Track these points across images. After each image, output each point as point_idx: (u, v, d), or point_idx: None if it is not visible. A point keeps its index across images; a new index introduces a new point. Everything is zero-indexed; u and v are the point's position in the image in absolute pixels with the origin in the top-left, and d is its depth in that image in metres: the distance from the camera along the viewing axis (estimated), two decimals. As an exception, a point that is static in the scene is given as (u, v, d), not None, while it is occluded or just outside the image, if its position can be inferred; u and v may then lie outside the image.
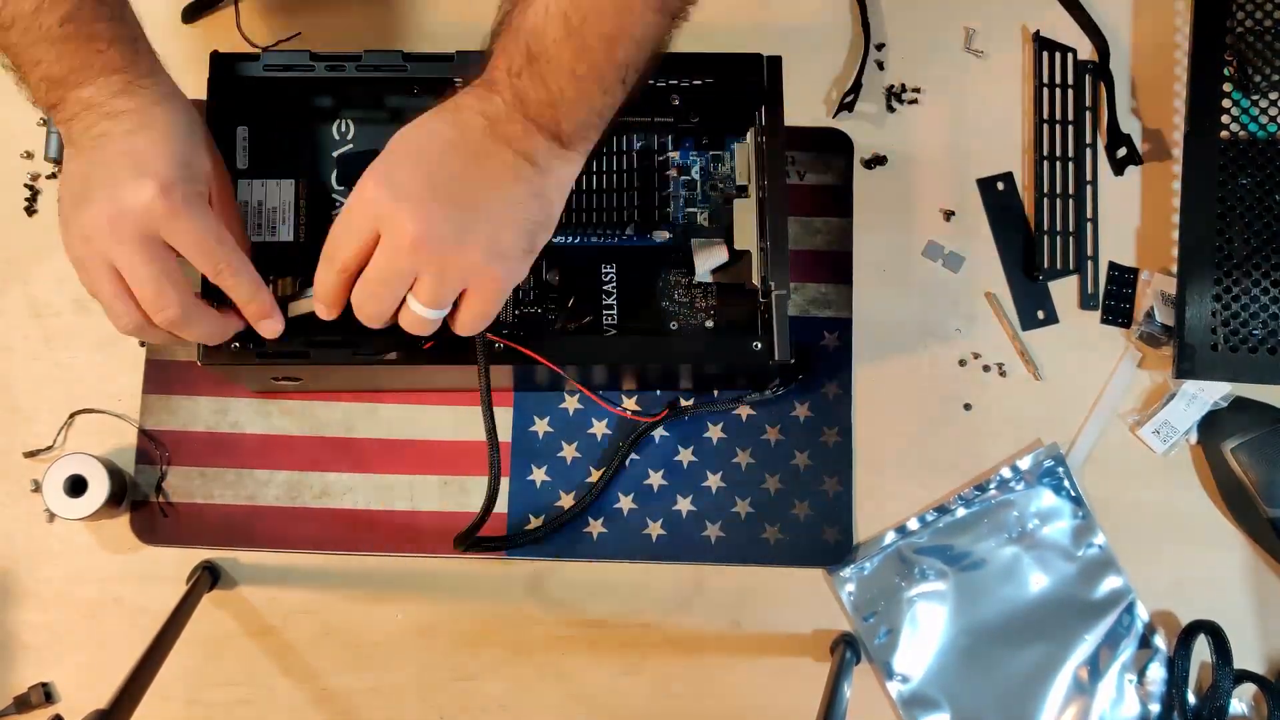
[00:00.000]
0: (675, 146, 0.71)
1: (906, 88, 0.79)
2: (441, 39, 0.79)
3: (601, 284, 0.69)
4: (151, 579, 0.72)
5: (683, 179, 0.70)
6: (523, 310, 0.69)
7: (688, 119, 0.70)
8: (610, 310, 0.69)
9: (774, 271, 0.65)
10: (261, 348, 0.63)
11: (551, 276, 0.70)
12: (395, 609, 0.73)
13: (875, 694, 0.73)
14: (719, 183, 0.71)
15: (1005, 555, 0.73)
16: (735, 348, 0.66)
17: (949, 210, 0.78)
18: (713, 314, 0.70)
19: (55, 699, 0.71)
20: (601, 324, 0.69)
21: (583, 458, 0.74)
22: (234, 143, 0.68)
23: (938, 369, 0.76)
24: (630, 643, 0.73)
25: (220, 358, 0.63)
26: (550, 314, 0.69)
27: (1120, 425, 0.76)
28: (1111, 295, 0.77)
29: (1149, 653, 0.73)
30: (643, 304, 0.70)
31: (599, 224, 0.69)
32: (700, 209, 0.70)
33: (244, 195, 0.68)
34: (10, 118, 0.76)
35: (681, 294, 0.71)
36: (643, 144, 0.70)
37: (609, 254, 0.70)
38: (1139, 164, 0.77)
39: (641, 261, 0.70)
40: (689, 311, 0.70)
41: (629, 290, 0.70)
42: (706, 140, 0.71)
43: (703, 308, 0.70)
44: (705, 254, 0.69)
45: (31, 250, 0.75)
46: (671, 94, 0.70)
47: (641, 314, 0.70)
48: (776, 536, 0.73)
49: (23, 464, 0.73)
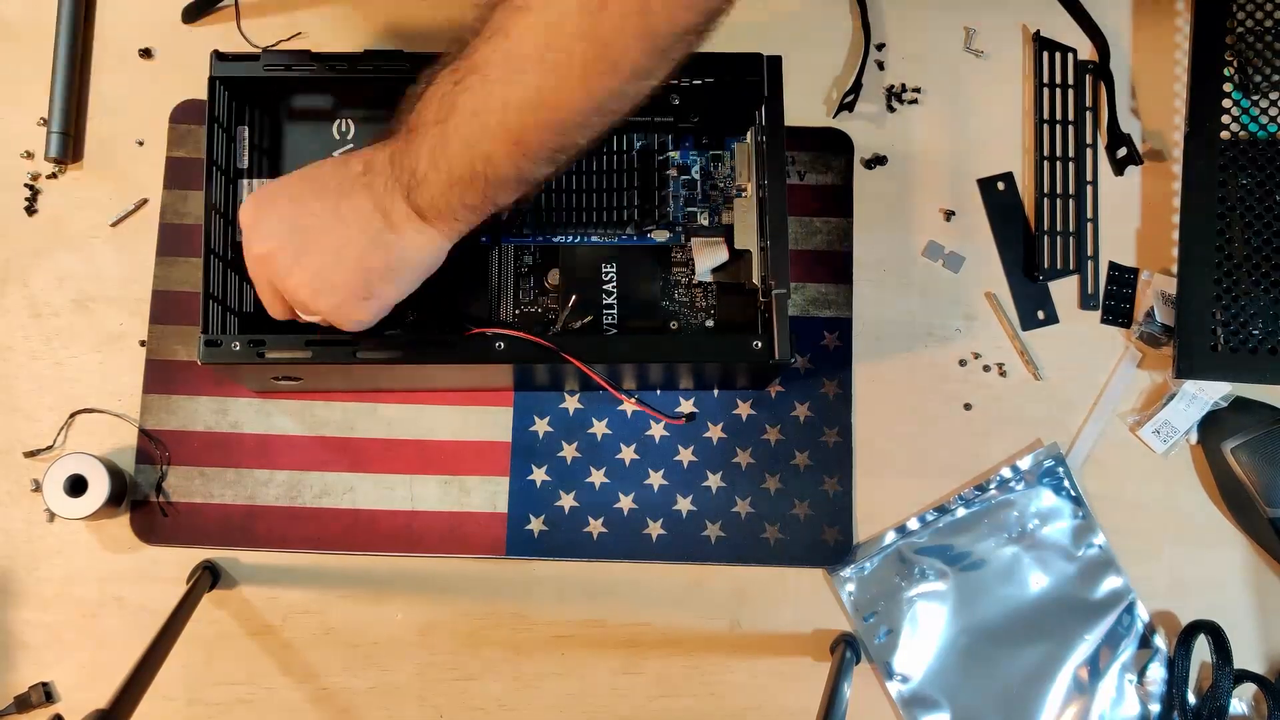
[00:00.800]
0: (675, 146, 0.71)
1: (906, 88, 0.79)
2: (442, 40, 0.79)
3: (601, 283, 0.69)
4: (151, 579, 0.72)
5: (682, 178, 0.70)
6: (522, 310, 0.69)
7: (688, 118, 0.71)
8: (610, 309, 0.69)
9: (774, 271, 0.65)
10: (261, 348, 0.64)
11: (551, 276, 0.70)
12: (395, 609, 0.73)
13: (875, 694, 0.73)
14: (719, 182, 0.71)
15: (1005, 555, 0.73)
16: (735, 347, 0.66)
17: (949, 210, 0.78)
18: (713, 313, 0.70)
19: (55, 699, 0.71)
20: (602, 323, 0.69)
21: (583, 457, 0.74)
22: (234, 142, 0.68)
23: (938, 369, 0.76)
24: (630, 642, 0.73)
25: (221, 357, 0.64)
26: (551, 313, 0.69)
27: (1120, 425, 0.76)
28: (1111, 295, 0.77)
29: (1149, 653, 0.73)
30: (643, 303, 0.70)
31: (599, 223, 0.69)
32: (700, 208, 0.70)
33: (244, 194, 0.68)
34: (10, 118, 0.77)
35: (681, 293, 0.71)
36: (643, 143, 0.70)
37: (609, 253, 0.70)
38: (1139, 164, 0.77)
39: (641, 261, 0.70)
40: (689, 311, 0.71)
41: (629, 289, 0.70)
42: (706, 140, 0.71)
43: (703, 307, 0.71)
44: (706, 253, 0.70)
45: (31, 250, 0.75)
46: (671, 94, 0.70)
47: (641, 313, 0.70)
48: (776, 536, 0.73)
49: (23, 464, 0.73)
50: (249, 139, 0.69)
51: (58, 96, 0.76)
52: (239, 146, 0.68)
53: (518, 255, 0.71)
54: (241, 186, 0.68)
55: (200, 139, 0.76)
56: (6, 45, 0.78)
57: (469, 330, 0.66)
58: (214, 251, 0.65)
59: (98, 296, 0.75)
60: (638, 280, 0.70)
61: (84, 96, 0.77)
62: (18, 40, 0.78)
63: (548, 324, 0.70)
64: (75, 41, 0.77)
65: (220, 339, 0.64)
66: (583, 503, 0.73)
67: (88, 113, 0.77)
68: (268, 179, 0.68)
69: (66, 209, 0.76)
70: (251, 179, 0.68)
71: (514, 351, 0.65)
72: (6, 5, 0.78)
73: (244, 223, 0.60)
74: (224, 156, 0.67)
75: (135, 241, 0.75)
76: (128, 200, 0.76)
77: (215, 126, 0.66)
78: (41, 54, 0.77)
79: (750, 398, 0.75)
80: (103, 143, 0.77)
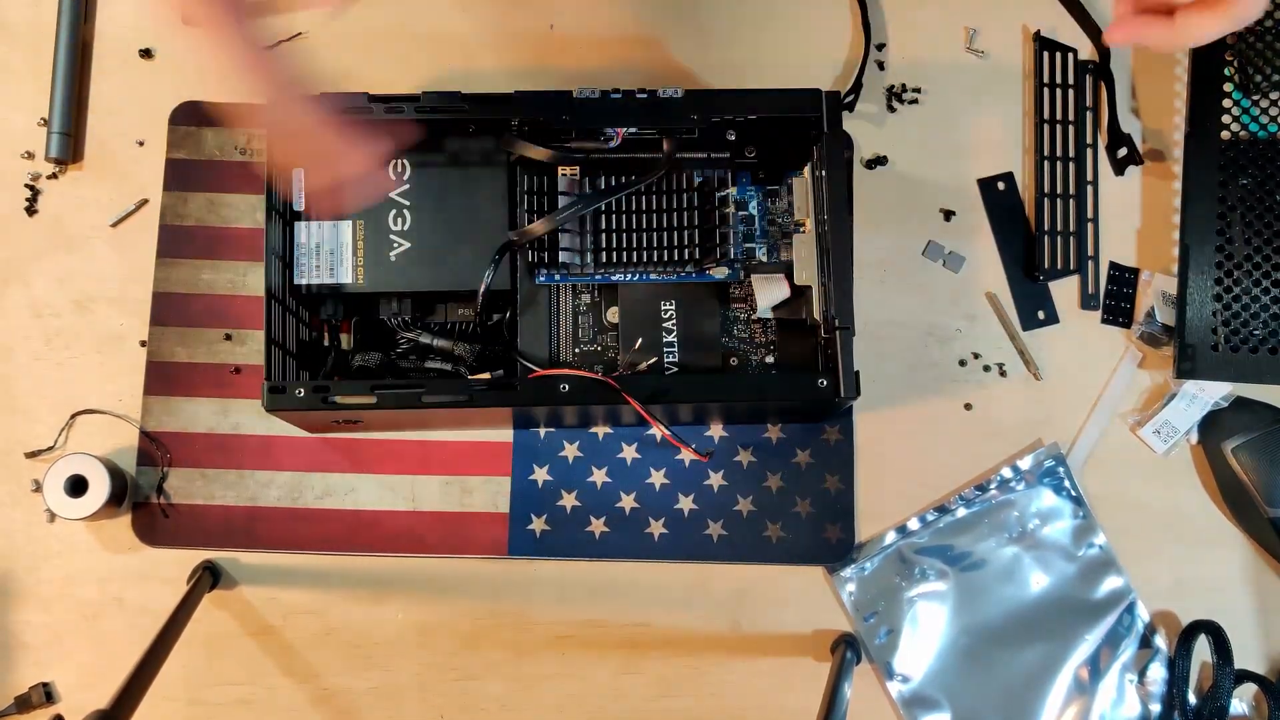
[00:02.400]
0: (733, 182, 0.70)
1: (906, 88, 0.79)
2: (442, 39, 0.79)
3: (661, 321, 0.69)
4: (152, 579, 0.72)
5: (740, 214, 0.70)
6: (582, 348, 0.69)
7: (744, 154, 0.70)
8: (671, 347, 0.69)
9: (838, 308, 0.65)
10: (326, 394, 0.63)
11: (611, 314, 0.70)
12: (395, 609, 0.73)
13: (875, 694, 0.73)
14: (777, 218, 0.70)
15: (1005, 555, 0.73)
16: (799, 384, 0.66)
17: (949, 210, 0.78)
18: (773, 349, 0.70)
19: (55, 699, 0.71)
20: (663, 361, 0.69)
21: (584, 457, 0.74)
22: (290, 186, 0.68)
23: (938, 369, 0.76)
24: (630, 642, 0.73)
25: (286, 403, 0.63)
26: (611, 350, 0.69)
27: (1120, 425, 0.76)
28: (1112, 295, 0.77)
29: (1149, 653, 0.73)
30: (702, 340, 0.70)
31: (657, 261, 0.69)
32: (758, 244, 0.70)
33: (301, 237, 0.68)
34: (10, 118, 0.77)
35: (741, 329, 0.71)
36: (700, 180, 0.70)
37: (668, 291, 0.70)
38: (1139, 164, 0.77)
39: (700, 298, 0.69)
40: (749, 347, 0.71)
41: (688, 326, 0.70)
42: (763, 175, 0.71)
43: (762, 343, 0.71)
44: (767, 290, 0.69)
45: (32, 251, 0.75)
46: (728, 129, 0.69)
47: (701, 350, 0.70)
48: (779, 535, 0.73)
49: (23, 464, 0.73)
50: (305, 181, 0.68)
51: (58, 96, 0.76)
52: (295, 189, 0.68)
53: (576, 293, 0.71)
54: (298, 229, 0.68)
55: (200, 140, 0.76)
56: (6, 45, 0.77)
57: (532, 373, 0.66)
58: (275, 296, 0.65)
59: (98, 297, 0.75)
60: (697, 317, 0.70)
61: (84, 97, 0.77)
62: (18, 40, 0.78)
63: (608, 362, 0.70)
64: (75, 41, 0.77)
65: (284, 385, 0.64)
66: (584, 502, 0.73)
67: (88, 113, 0.77)
68: (325, 221, 0.68)
69: (67, 209, 0.76)
70: (309, 221, 0.68)
71: (578, 393, 0.64)
72: (6, 5, 0.78)
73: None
74: (280, 200, 0.67)
75: (135, 242, 0.75)
76: (128, 201, 0.76)
77: (272, 170, 0.66)
78: (41, 54, 0.77)
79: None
80: (103, 143, 0.77)
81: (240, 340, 0.74)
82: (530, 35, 0.79)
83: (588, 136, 0.69)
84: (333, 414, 0.65)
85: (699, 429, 0.74)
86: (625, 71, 0.78)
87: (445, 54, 0.78)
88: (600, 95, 0.67)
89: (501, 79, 0.78)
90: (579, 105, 0.67)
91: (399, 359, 0.70)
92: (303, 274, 0.68)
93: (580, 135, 0.69)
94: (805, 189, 0.69)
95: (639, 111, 0.67)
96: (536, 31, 0.79)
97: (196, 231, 0.75)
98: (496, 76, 0.78)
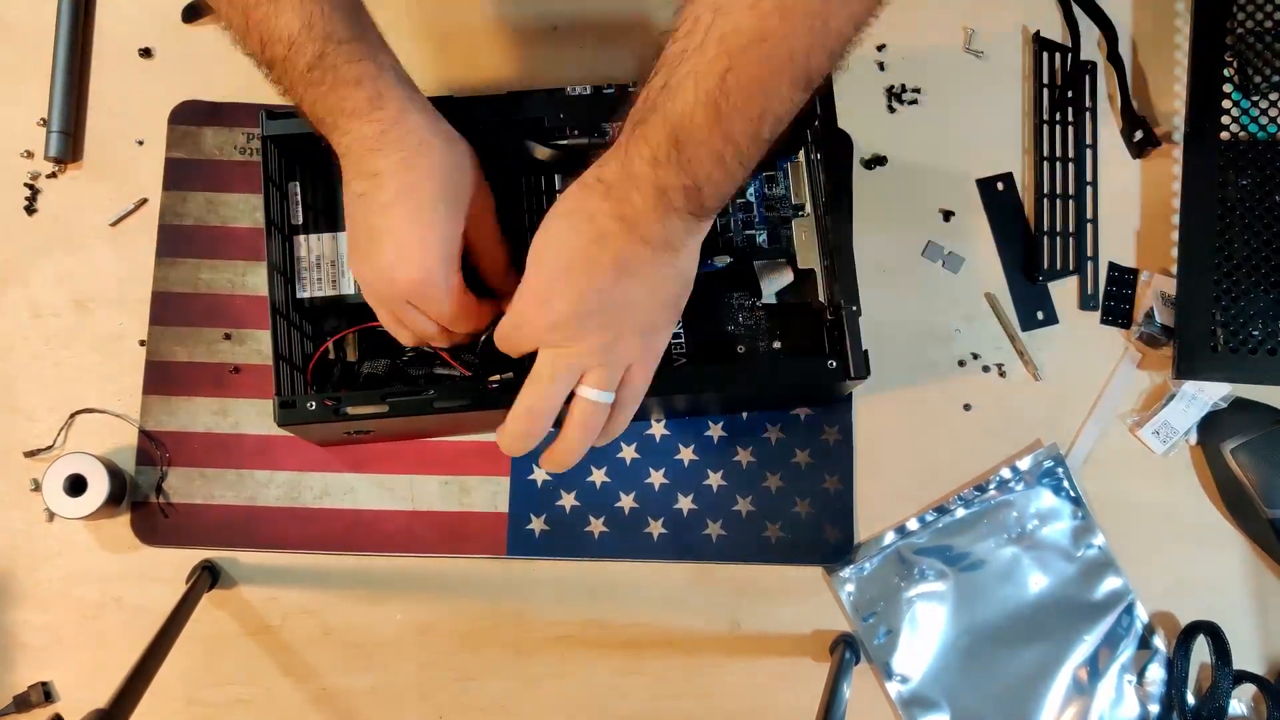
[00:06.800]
0: None
1: (906, 88, 0.79)
2: (441, 37, 0.79)
3: None
4: (151, 579, 0.72)
5: (738, 202, 0.70)
6: None
7: None
8: (678, 337, 0.69)
9: (842, 288, 0.65)
10: (338, 405, 0.63)
11: None
12: (395, 609, 0.73)
13: (875, 694, 0.73)
14: (774, 203, 0.70)
15: (1005, 555, 0.73)
16: (807, 368, 0.66)
17: (949, 210, 0.78)
18: (778, 334, 0.70)
19: (55, 698, 0.71)
20: (671, 353, 0.69)
21: (585, 457, 0.73)
22: (287, 198, 0.68)
23: (938, 369, 0.76)
24: (630, 642, 0.73)
25: (297, 417, 0.63)
26: None
27: (1120, 426, 0.76)
28: (1111, 296, 0.77)
29: (1148, 653, 0.73)
30: (709, 330, 0.70)
31: None
32: (758, 230, 0.70)
33: (301, 251, 0.68)
34: (10, 118, 0.77)
35: (746, 316, 0.71)
36: None
37: None
38: (1157, 145, 0.77)
39: (703, 287, 0.69)
40: (755, 334, 0.71)
41: (693, 316, 0.69)
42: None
43: (767, 329, 0.71)
44: (771, 276, 0.70)
45: (31, 250, 0.75)
46: None
47: (708, 339, 0.70)
48: (778, 534, 0.73)
49: (23, 464, 0.73)
50: (301, 193, 0.68)
51: (58, 96, 0.76)
52: (293, 202, 0.68)
53: None
54: (298, 243, 0.68)
55: (200, 139, 0.76)
56: (6, 45, 0.77)
57: None
58: (279, 311, 0.65)
59: (97, 296, 0.75)
60: (701, 306, 0.69)
61: (84, 96, 0.77)
62: (18, 40, 0.77)
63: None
64: (75, 41, 0.77)
65: (295, 399, 0.63)
66: (584, 502, 0.73)
67: (88, 113, 0.77)
68: (324, 233, 0.68)
69: (66, 209, 0.76)
70: (308, 234, 0.68)
71: None
72: (6, 5, 0.78)
73: (539, 336, 0.58)
74: (280, 215, 0.67)
75: (135, 241, 0.75)
76: (127, 200, 0.76)
77: (270, 186, 0.66)
78: (41, 54, 0.77)
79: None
80: (102, 143, 0.77)
81: (239, 340, 0.74)
82: (530, 35, 0.79)
83: (586, 133, 0.69)
84: (345, 425, 0.65)
85: (699, 426, 0.74)
86: (623, 67, 0.78)
87: (446, 53, 0.78)
88: (593, 91, 0.68)
89: (502, 80, 0.78)
90: (573, 102, 0.67)
91: (407, 366, 0.70)
92: (305, 287, 0.68)
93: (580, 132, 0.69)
94: (801, 172, 0.69)
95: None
96: (536, 31, 0.79)
97: (196, 231, 0.75)
98: (497, 77, 0.78)
